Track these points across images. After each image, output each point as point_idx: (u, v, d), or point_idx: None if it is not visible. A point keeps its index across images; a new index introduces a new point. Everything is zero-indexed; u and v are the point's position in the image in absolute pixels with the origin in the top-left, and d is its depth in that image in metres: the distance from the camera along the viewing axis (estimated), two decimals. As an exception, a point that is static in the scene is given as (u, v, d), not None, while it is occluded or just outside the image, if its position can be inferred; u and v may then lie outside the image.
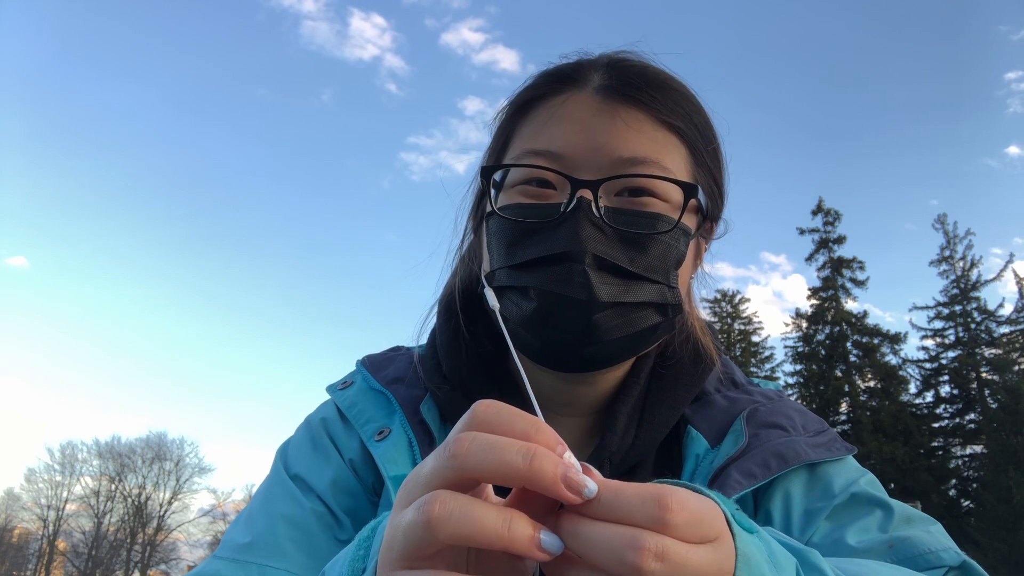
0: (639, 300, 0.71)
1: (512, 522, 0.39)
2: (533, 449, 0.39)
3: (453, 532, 0.38)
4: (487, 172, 0.77)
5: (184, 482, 40.63)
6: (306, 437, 0.84)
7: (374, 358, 0.91)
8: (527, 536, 0.39)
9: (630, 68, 0.78)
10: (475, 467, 0.40)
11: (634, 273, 0.71)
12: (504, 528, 0.39)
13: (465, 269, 0.88)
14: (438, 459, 0.41)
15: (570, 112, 0.75)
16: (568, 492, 0.39)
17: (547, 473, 0.39)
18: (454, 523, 0.38)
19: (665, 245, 0.72)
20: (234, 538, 0.75)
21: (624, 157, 0.72)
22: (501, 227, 0.74)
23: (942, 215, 27.21)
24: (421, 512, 0.39)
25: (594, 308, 0.69)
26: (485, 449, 0.39)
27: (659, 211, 0.72)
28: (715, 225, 0.85)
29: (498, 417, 0.42)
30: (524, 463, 0.39)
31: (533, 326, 0.72)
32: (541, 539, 0.39)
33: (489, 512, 0.39)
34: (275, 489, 0.79)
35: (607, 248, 0.70)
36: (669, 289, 0.74)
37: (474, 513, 0.39)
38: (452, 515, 0.39)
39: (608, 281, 0.70)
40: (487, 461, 0.39)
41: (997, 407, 23.49)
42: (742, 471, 0.72)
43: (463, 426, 0.42)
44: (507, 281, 0.74)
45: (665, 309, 0.74)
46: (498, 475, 0.39)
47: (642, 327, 0.73)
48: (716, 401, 0.84)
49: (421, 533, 0.39)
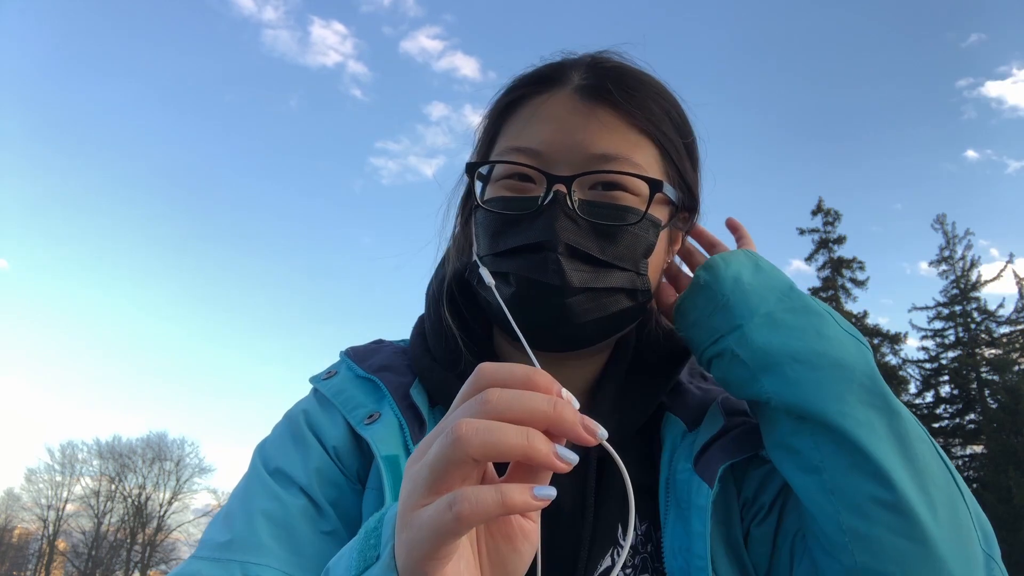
0: (609, 286, 0.77)
1: (531, 435, 0.45)
2: (528, 430, 0.45)
3: (482, 443, 0.43)
4: (472, 168, 0.84)
5: (184, 482, 40.78)
6: (286, 431, 0.84)
7: (358, 349, 0.93)
8: (545, 448, 0.45)
9: (608, 69, 0.83)
10: (478, 449, 0.44)
11: (604, 261, 0.77)
12: (524, 440, 0.44)
13: (456, 258, 0.92)
14: (441, 445, 0.45)
15: (550, 111, 0.81)
16: (560, 463, 0.46)
17: (543, 450, 0.45)
18: (482, 436, 0.44)
19: (634, 236, 0.78)
20: (213, 537, 0.74)
21: (597, 154, 0.78)
22: (486, 218, 0.81)
23: (941, 215, 27.25)
24: (448, 435, 0.44)
25: (567, 293, 0.75)
26: (485, 432, 0.44)
27: (629, 204, 0.78)
28: (692, 216, 0.91)
29: (499, 371, 0.48)
30: (524, 442, 0.44)
31: (513, 309, 0.76)
32: (557, 451, 0.46)
33: (510, 428, 0.44)
34: (254, 486, 0.78)
35: (579, 238, 0.76)
36: (638, 276, 0.80)
37: (498, 428, 0.44)
38: (479, 431, 0.44)
39: (580, 268, 0.76)
40: (489, 442, 0.44)
41: (997, 407, 23.50)
42: (723, 449, 0.79)
43: (471, 386, 0.48)
44: (491, 267, 0.80)
45: (635, 294, 0.81)
46: (498, 455, 0.44)
47: (613, 310, 0.79)
48: (690, 390, 0.91)
49: (451, 452, 0.44)
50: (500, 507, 0.43)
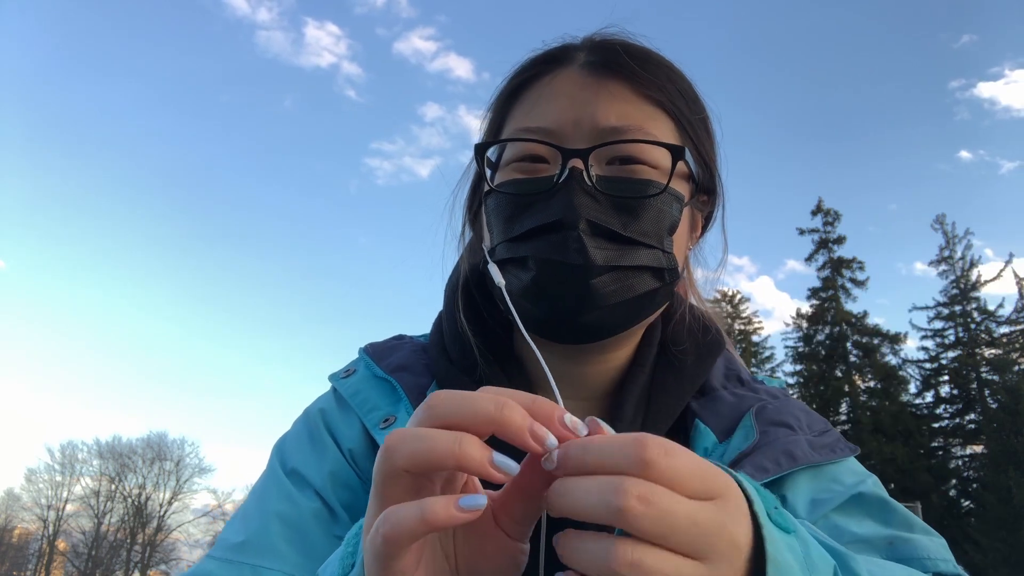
0: (635, 264, 0.73)
1: (463, 442, 0.40)
2: (460, 436, 0.41)
3: (409, 453, 0.41)
4: (481, 149, 0.80)
5: (184, 482, 40.69)
6: (303, 430, 0.84)
7: (377, 346, 0.90)
8: (478, 455, 0.41)
9: (613, 43, 0.81)
10: (406, 460, 0.42)
11: (628, 238, 0.72)
12: (455, 446, 0.40)
13: (470, 254, 0.89)
14: (377, 459, 0.43)
15: (558, 89, 0.78)
16: (496, 472, 0.41)
17: (475, 457, 0.41)
18: (409, 445, 0.41)
19: (657, 210, 0.74)
20: (228, 537, 0.75)
21: (610, 126, 0.74)
22: (499, 203, 0.77)
23: (941, 215, 27.27)
24: (381, 450, 0.42)
25: (591, 272, 0.71)
26: (412, 440, 0.42)
27: (650, 177, 0.74)
28: (711, 198, 0.86)
29: (452, 404, 0.43)
30: (454, 449, 0.41)
31: (533, 295, 0.73)
32: (493, 458, 0.41)
33: (441, 434, 0.41)
34: (270, 486, 0.78)
35: (600, 214, 0.72)
36: (664, 254, 0.75)
37: (427, 435, 0.41)
38: (405, 440, 0.41)
39: (603, 246, 0.71)
40: (417, 451, 0.41)
41: (997, 407, 23.51)
42: (755, 466, 0.72)
43: (420, 416, 0.44)
44: (507, 254, 0.75)
45: (662, 274, 0.75)
46: (428, 464, 0.41)
47: (640, 291, 0.74)
48: (723, 397, 0.84)
49: (381, 465, 0.42)
50: (422, 524, 0.40)
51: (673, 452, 0.40)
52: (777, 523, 0.44)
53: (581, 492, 0.40)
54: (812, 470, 0.76)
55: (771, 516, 0.44)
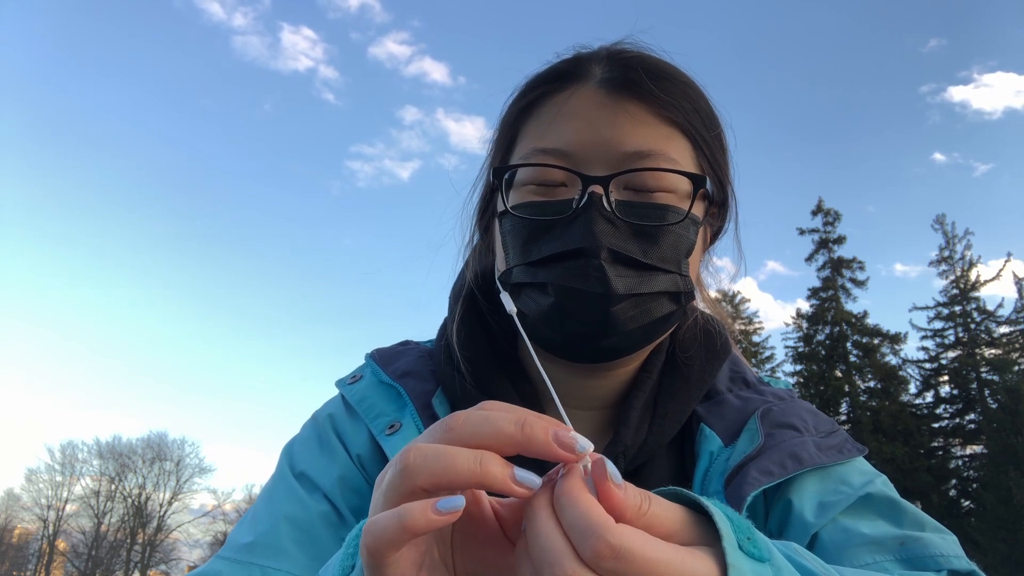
0: (654, 290, 0.73)
1: (484, 460, 0.41)
2: (481, 454, 0.41)
3: (430, 474, 0.41)
4: (499, 173, 0.78)
5: (184, 482, 40.71)
6: (312, 434, 0.84)
7: (383, 352, 0.90)
8: (500, 473, 0.41)
9: (631, 59, 0.79)
10: (427, 479, 0.41)
11: (648, 264, 0.72)
12: (476, 465, 0.41)
13: (477, 263, 0.89)
14: (391, 475, 0.43)
15: (574, 108, 0.77)
16: (519, 488, 0.42)
17: (497, 475, 0.41)
18: (430, 465, 0.41)
19: (676, 235, 0.74)
20: (237, 538, 0.75)
21: (631, 151, 0.73)
22: (515, 225, 0.76)
23: (940, 215, 27.24)
24: (397, 463, 0.42)
25: (611, 301, 0.70)
26: (433, 458, 0.42)
27: (668, 203, 0.74)
28: (722, 210, 0.86)
29: (472, 425, 0.43)
30: (476, 468, 0.41)
31: (552, 321, 0.73)
32: (515, 475, 0.42)
33: (462, 452, 0.41)
34: (279, 488, 0.79)
35: (621, 242, 0.71)
36: (681, 277, 0.75)
37: (448, 454, 0.41)
38: (427, 458, 0.41)
39: (623, 274, 0.71)
40: (437, 470, 0.41)
41: (997, 407, 23.48)
42: (760, 469, 0.72)
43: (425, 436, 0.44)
44: (524, 278, 0.75)
45: (678, 297, 0.76)
46: (450, 484, 0.41)
47: (657, 316, 0.74)
48: (729, 400, 0.84)
49: (399, 482, 0.42)
50: (402, 531, 0.40)
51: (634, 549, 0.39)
52: (749, 553, 0.43)
53: (536, 541, 0.41)
54: (819, 472, 0.76)
55: (742, 547, 0.43)
